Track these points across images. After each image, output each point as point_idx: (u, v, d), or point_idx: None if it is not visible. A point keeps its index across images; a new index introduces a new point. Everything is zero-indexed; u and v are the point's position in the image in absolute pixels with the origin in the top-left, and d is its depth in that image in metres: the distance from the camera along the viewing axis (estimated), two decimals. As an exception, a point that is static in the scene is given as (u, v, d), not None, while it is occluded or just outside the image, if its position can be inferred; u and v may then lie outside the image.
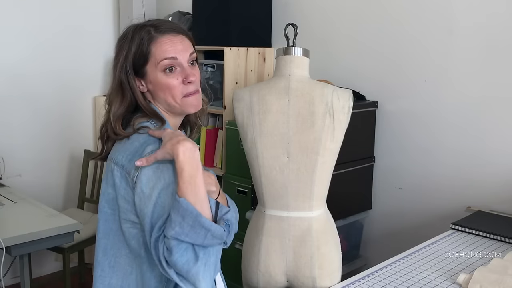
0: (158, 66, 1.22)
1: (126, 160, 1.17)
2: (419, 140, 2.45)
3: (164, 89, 1.24)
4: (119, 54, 1.26)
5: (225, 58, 2.72)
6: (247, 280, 1.78)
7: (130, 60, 1.24)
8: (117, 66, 1.26)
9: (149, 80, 1.25)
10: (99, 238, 1.25)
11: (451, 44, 2.30)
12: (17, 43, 3.25)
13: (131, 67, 1.24)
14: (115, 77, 1.26)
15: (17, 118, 3.30)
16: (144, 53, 1.23)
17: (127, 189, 1.17)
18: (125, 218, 1.19)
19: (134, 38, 1.24)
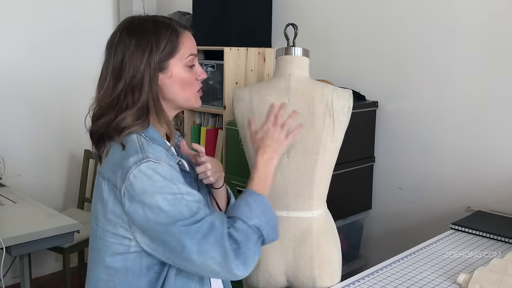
0: (185, 61, 1.22)
1: (111, 172, 1.13)
2: (419, 140, 2.45)
3: (184, 84, 1.23)
4: (141, 47, 1.17)
5: (225, 58, 2.72)
6: (247, 280, 1.78)
7: (156, 54, 1.18)
8: (140, 60, 1.17)
9: (170, 74, 1.21)
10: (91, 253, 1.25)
11: (452, 44, 2.30)
12: (15, 43, 3.25)
13: (157, 62, 1.18)
14: (136, 73, 1.17)
15: (16, 118, 3.30)
16: (173, 46, 1.20)
17: (115, 203, 1.12)
18: (113, 232, 1.14)
19: (159, 30, 1.20)
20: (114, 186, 1.12)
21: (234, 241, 1.08)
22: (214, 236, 1.07)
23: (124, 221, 1.12)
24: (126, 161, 1.11)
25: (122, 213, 1.12)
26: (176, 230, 1.07)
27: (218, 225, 1.09)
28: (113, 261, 1.17)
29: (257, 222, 1.13)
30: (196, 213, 1.09)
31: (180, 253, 1.07)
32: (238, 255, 1.08)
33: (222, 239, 1.07)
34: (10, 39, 3.23)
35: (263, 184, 1.21)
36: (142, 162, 1.09)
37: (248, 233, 1.11)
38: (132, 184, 1.08)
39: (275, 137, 1.27)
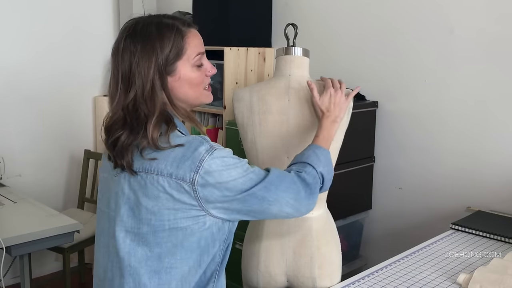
0: (192, 61, 1.23)
1: (173, 167, 1.16)
2: (419, 140, 2.45)
3: (193, 84, 1.25)
4: (147, 54, 1.18)
5: (225, 58, 2.72)
6: (247, 280, 1.78)
7: (163, 59, 1.19)
8: (147, 67, 1.18)
9: (178, 76, 1.22)
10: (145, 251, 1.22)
11: (451, 44, 2.30)
12: (16, 44, 3.26)
13: (164, 67, 1.20)
14: (146, 82, 1.18)
15: (17, 118, 3.30)
16: (179, 49, 1.21)
17: (180, 193, 1.17)
18: (185, 218, 1.19)
19: (163, 34, 1.20)
20: (179, 179, 1.16)
21: (306, 184, 1.28)
22: (283, 183, 1.24)
23: (193, 206, 1.18)
24: (195, 153, 1.16)
25: (190, 199, 1.17)
26: (255, 189, 1.20)
27: (284, 174, 1.26)
28: (190, 243, 1.21)
29: (323, 170, 1.34)
30: (262, 173, 1.23)
31: (261, 207, 1.21)
32: (309, 195, 1.28)
33: (292, 183, 1.25)
34: (13, 40, 3.24)
35: (327, 142, 1.44)
36: (213, 151, 1.17)
37: (316, 178, 1.31)
38: (209, 171, 1.16)
39: (337, 101, 1.51)
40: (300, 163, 1.35)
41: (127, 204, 1.23)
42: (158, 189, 1.18)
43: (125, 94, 1.20)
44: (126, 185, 1.23)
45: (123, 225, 1.24)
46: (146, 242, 1.22)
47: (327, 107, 1.52)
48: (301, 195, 1.26)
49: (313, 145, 1.42)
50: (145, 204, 1.20)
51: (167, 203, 1.18)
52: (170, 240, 1.21)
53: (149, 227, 1.21)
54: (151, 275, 1.23)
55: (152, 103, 1.18)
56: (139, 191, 1.21)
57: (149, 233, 1.21)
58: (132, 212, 1.23)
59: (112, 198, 1.27)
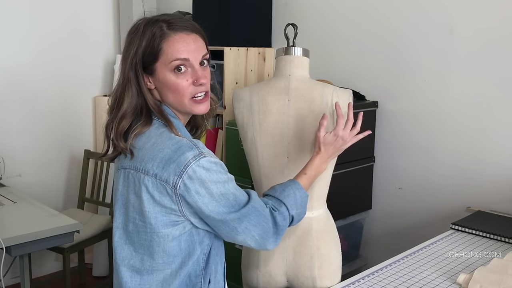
0: (169, 65, 1.21)
1: (159, 168, 1.17)
2: (419, 140, 2.45)
3: (173, 90, 1.23)
4: (129, 49, 1.23)
5: (225, 58, 2.72)
6: (247, 280, 1.78)
7: (140, 55, 1.21)
8: (126, 61, 1.23)
9: (158, 78, 1.23)
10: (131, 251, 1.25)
11: (451, 44, 2.30)
12: (17, 44, 3.25)
13: (140, 63, 1.22)
14: (124, 73, 1.24)
15: (17, 118, 3.30)
16: (155, 50, 1.21)
17: (162, 196, 1.17)
18: (165, 223, 1.19)
19: (146, 32, 1.21)
20: (163, 181, 1.16)
21: (276, 224, 1.28)
22: (256, 218, 1.23)
23: (173, 210, 1.18)
24: (182, 157, 1.16)
25: (171, 203, 1.18)
26: (228, 217, 1.19)
27: (260, 209, 1.25)
28: (171, 247, 1.22)
29: (295, 214, 1.34)
30: (241, 200, 1.22)
31: (228, 233, 1.22)
32: (275, 235, 1.27)
33: (264, 220, 1.25)
34: (13, 40, 3.24)
35: (310, 182, 1.45)
36: (200, 157, 1.16)
37: (287, 219, 1.32)
38: (191, 177, 1.15)
39: (338, 147, 1.49)
40: (277, 199, 1.34)
41: (120, 200, 1.26)
42: (141, 188, 1.19)
43: (117, 87, 1.27)
44: (121, 181, 1.26)
45: (116, 220, 1.27)
46: (131, 241, 1.24)
47: (326, 147, 1.48)
48: (268, 234, 1.26)
49: (295, 184, 1.39)
50: (132, 201, 1.22)
51: (148, 204, 1.18)
52: (151, 244, 1.22)
53: (134, 225, 1.23)
54: (133, 274, 1.25)
55: (122, 95, 1.22)
56: (129, 188, 1.23)
57: (134, 232, 1.23)
58: (124, 209, 1.25)
59: (113, 192, 1.32)
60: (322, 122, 1.50)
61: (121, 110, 1.22)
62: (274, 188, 1.39)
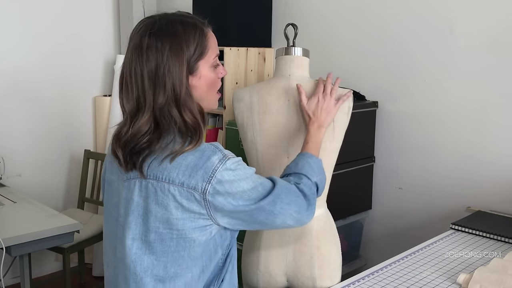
0: (212, 61, 1.23)
1: (185, 176, 1.15)
2: (419, 140, 2.45)
3: (211, 85, 1.25)
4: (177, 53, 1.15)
5: (225, 58, 2.72)
6: (247, 280, 1.78)
7: (188, 58, 1.18)
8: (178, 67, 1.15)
9: (199, 76, 1.21)
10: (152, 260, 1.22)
11: (451, 44, 2.30)
12: (17, 45, 3.25)
13: (188, 66, 1.18)
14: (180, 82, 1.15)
15: (17, 119, 3.30)
16: (203, 48, 1.21)
17: (191, 202, 1.16)
18: (193, 227, 1.18)
19: (189, 32, 1.18)
20: (191, 189, 1.15)
21: (304, 195, 1.29)
22: (288, 196, 1.24)
23: (201, 215, 1.18)
24: (208, 162, 1.16)
25: (200, 208, 1.17)
26: (262, 203, 1.19)
27: (288, 186, 1.26)
28: (196, 252, 1.22)
29: (317, 180, 1.36)
30: (268, 185, 1.23)
31: (266, 219, 1.22)
32: (308, 206, 1.29)
33: (295, 196, 1.26)
34: (13, 40, 3.24)
35: (316, 148, 1.47)
36: (226, 160, 1.17)
37: (313, 188, 1.33)
38: (221, 181, 1.16)
39: (324, 107, 1.51)
40: (296, 174, 1.36)
41: (136, 211, 1.21)
42: (168, 197, 1.17)
43: (153, 97, 1.14)
44: (136, 192, 1.21)
45: (130, 232, 1.22)
46: (153, 251, 1.21)
47: (314, 112, 1.52)
48: (303, 207, 1.27)
49: (305, 154, 1.43)
50: (154, 212, 1.18)
51: (176, 212, 1.17)
52: (177, 249, 1.20)
53: (156, 235, 1.20)
54: (156, 284, 1.22)
55: (185, 107, 1.16)
56: (149, 198, 1.19)
57: (156, 241, 1.20)
58: (141, 219, 1.21)
59: (122, 203, 1.25)
60: (300, 90, 1.55)
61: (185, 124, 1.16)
62: (288, 167, 1.41)
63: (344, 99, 1.58)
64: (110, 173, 1.31)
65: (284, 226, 1.27)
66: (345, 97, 1.58)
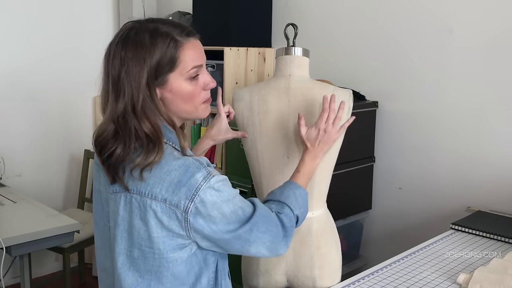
0: (186, 74, 1.16)
1: (168, 192, 1.12)
2: (419, 140, 2.45)
3: (186, 98, 1.18)
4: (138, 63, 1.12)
5: (225, 58, 2.72)
6: (247, 280, 1.78)
7: (152, 69, 1.12)
8: (137, 77, 1.11)
9: (170, 89, 1.16)
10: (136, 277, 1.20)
11: (450, 44, 2.30)
12: (17, 45, 3.26)
13: (153, 78, 1.13)
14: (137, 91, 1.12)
15: (17, 119, 3.30)
16: (172, 61, 1.14)
17: (171, 220, 1.13)
18: (172, 247, 1.16)
19: (156, 43, 1.12)
20: (173, 206, 1.12)
21: (283, 225, 1.26)
22: (265, 225, 1.21)
23: (180, 235, 1.16)
24: (192, 179, 1.12)
25: (179, 229, 1.14)
26: (239, 231, 1.17)
27: (267, 215, 1.24)
28: (179, 271, 1.20)
29: (299, 213, 1.33)
30: (248, 211, 1.20)
31: (241, 247, 1.20)
32: (284, 237, 1.26)
33: (273, 225, 1.23)
34: (13, 40, 3.24)
35: (306, 178, 1.43)
36: (210, 178, 1.13)
37: (293, 220, 1.31)
38: (203, 200, 1.12)
39: (324, 140, 1.47)
40: (279, 202, 1.33)
41: (122, 225, 1.20)
42: (150, 213, 1.14)
43: (115, 104, 1.13)
44: (122, 206, 1.19)
45: (117, 245, 1.21)
46: (137, 267, 1.20)
47: (312, 143, 1.47)
48: (279, 238, 1.24)
49: (293, 184, 1.38)
50: (138, 227, 1.16)
51: (156, 229, 1.14)
52: (160, 270, 1.18)
53: (140, 252, 1.18)
54: None
55: (143, 116, 1.12)
56: (133, 213, 1.17)
57: (140, 258, 1.19)
58: (126, 234, 1.19)
59: (111, 215, 1.24)
60: (300, 123, 1.50)
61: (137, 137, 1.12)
62: (273, 192, 1.38)
63: (346, 126, 1.52)
64: (97, 182, 1.29)
65: (257, 255, 1.24)
66: (347, 124, 1.53)
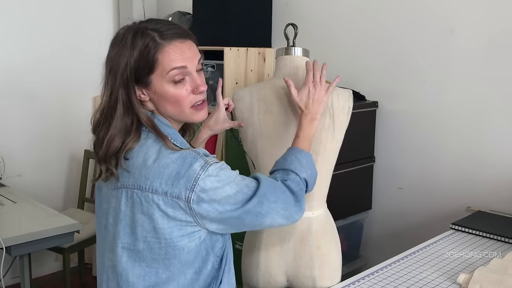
0: (166, 76, 1.17)
1: (168, 185, 1.14)
2: (419, 140, 2.45)
3: (172, 101, 1.19)
4: (118, 62, 1.17)
5: (225, 58, 2.72)
6: (247, 280, 1.78)
7: (131, 68, 1.16)
8: (115, 75, 1.17)
9: (154, 90, 1.19)
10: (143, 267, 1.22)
11: (451, 44, 2.30)
12: (17, 44, 3.25)
13: (132, 77, 1.16)
14: (113, 88, 1.18)
15: (17, 118, 3.30)
16: (150, 62, 1.16)
17: (176, 211, 1.15)
18: (181, 235, 1.17)
19: (136, 44, 1.15)
20: (175, 198, 1.14)
21: (291, 191, 1.27)
22: (274, 194, 1.22)
23: (188, 222, 1.17)
24: (190, 170, 1.14)
25: (186, 216, 1.16)
26: (248, 206, 1.18)
27: (273, 184, 1.24)
28: (186, 258, 1.21)
29: (306, 176, 1.33)
30: (253, 186, 1.21)
31: (254, 220, 1.21)
32: (296, 202, 1.27)
33: (281, 193, 1.24)
34: (12, 43, 3.24)
35: (307, 142, 1.43)
36: (208, 166, 1.15)
37: (301, 184, 1.31)
38: (204, 188, 1.14)
39: (316, 97, 1.48)
40: (283, 170, 1.33)
41: (124, 220, 1.21)
42: (153, 207, 1.16)
43: (103, 98, 1.21)
44: (123, 201, 1.20)
45: (120, 241, 1.22)
46: (143, 258, 1.21)
47: (306, 104, 1.49)
48: (290, 204, 1.25)
49: (294, 149, 1.39)
50: (141, 221, 1.18)
51: (162, 221, 1.16)
52: (167, 257, 1.20)
53: (145, 244, 1.19)
54: None
55: (111, 113, 1.18)
56: (135, 208, 1.18)
57: (145, 250, 1.20)
58: (129, 229, 1.21)
59: (111, 212, 1.25)
60: (289, 83, 1.52)
61: (111, 129, 1.18)
62: (277, 162, 1.39)
63: (333, 86, 1.55)
64: None
65: (274, 225, 1.25)
66: (333, 85, 1.55)
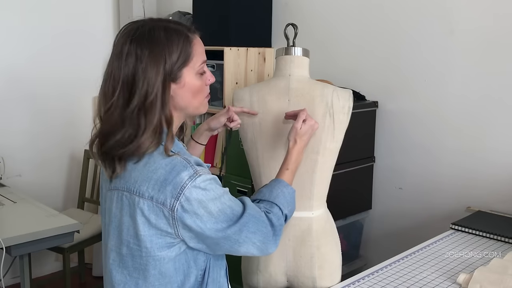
0: (197, 69, 1.20)
1: (155, 190, 1.13)
2: (419, 140, 2.45)
3: (196, 92, 1.22)
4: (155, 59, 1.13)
5: (225, 58, 2.72)
6: (247, 280, 1.78)
7: (170, 65, 1.15)
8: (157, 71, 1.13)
9: (182, 84, 1.19)
10: (125, 275, 1.21)
11: (451, 44, 2.30)
12: (17, 44, 3.25)
13: (170, 73, 1.16)
14: (151, 87, 1.13)
15: (17, 118, 3.30)
16: (187, 55, 1.17)
17: (158, 218, 1.14)
18: (160, 245, 1.16)
19: (172, 39, 1.16)
20: (159, 204, 1.13)
21: (272, 225, 1.26)
22: (255, 225, 1.21)
23: (168, 233, 1.16)
24: (178, 178, 1.12)
25: (167, 226, 1.15)
26: (228, 231, 1.17)
27: (257, 215, 1.23)
28: (167, 269, 1.20)
29: (287, 212, 1.35)
30: (238, 211, 1.20)
31: (230, 247, 1.20)
32: (273, 236, 1.26)
33: (262, 225, 1.23)
34: (13, 40, 3.24)
35: (294, 175, 1.46)
36: (196, 177, 1.13)
37: (281, 219, 1.31)
38: (189, 199, 1.12)
39: (311, 133, 1.50)
40: (268, 202, 1.33)
41: (114, 221, 1.21)
42: (137, 211, 1.15)
43: (125, 102, 1.14)
44: (114, 203, 1.21)
45: (110, 242, 1.23)
46: (125, 265, 1.21)
47: (302, 137, 1.49)
48: (268, 237, 1.25)
49: (281, 182, 1.39)
50: (127, 224, 1.18)
51: (143, 227, 1.15)
52: (147, 268, 1.19)
53: (128, 249, 1.19)
54: None
55: (152, 113, 1.14)
56: (123, 210, 1.18)
57: (128, 256, 1.20)
58: (117, 231, 1.21)
59: (107, 212, 1.26)
60: (301, 114, 1.51)
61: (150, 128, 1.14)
62: (261, 191, 1.37)
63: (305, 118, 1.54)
64: (103, 179, 1.31)
65: (247, 254, 1.24)
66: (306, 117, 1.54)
